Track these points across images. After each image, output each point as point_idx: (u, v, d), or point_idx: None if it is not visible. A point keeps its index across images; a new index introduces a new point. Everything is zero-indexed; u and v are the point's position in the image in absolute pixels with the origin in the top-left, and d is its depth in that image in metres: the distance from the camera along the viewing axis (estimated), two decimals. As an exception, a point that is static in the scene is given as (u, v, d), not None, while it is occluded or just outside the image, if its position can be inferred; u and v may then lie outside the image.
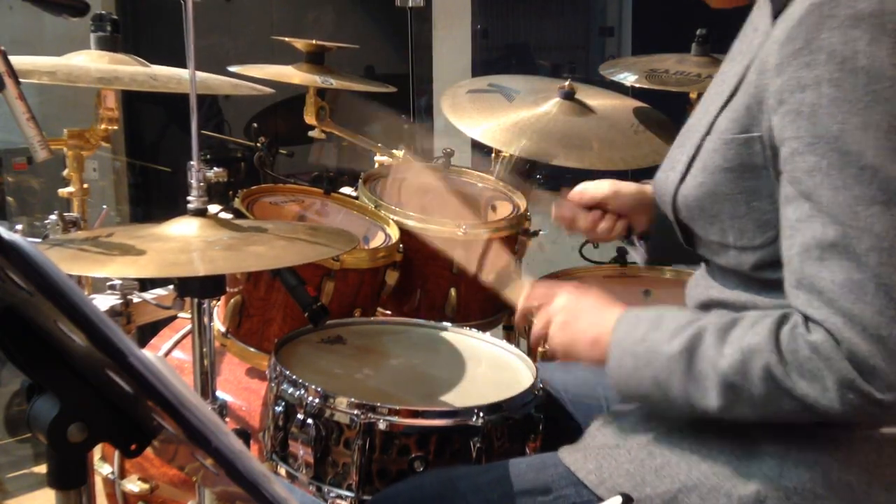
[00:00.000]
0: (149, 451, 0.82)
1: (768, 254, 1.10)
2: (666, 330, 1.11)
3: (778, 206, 1.08)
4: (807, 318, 1.00)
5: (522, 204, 2.20)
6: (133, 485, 1.93)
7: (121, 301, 1.72)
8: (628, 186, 1.46)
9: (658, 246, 1.48)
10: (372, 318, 1.83)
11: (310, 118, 2.42)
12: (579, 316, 1.23)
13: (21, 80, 1.35)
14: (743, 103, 1.10)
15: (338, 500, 1.37)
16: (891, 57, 0.97)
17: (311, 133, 2.48)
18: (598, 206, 1.48)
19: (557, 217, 1.52)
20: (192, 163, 1.40)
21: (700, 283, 1.25)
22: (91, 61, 1.86)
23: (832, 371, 0.97)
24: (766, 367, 1.00)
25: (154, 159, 4.30)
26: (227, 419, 1.80)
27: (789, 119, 1.02)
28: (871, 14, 0.98)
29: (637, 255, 1.52)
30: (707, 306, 1.22)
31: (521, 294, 1.37)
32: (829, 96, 0.99)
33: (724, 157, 1.12)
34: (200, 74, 1.57)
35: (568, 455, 1.24)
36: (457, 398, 1.48)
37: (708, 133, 1.16)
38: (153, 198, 4.39)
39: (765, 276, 1.12)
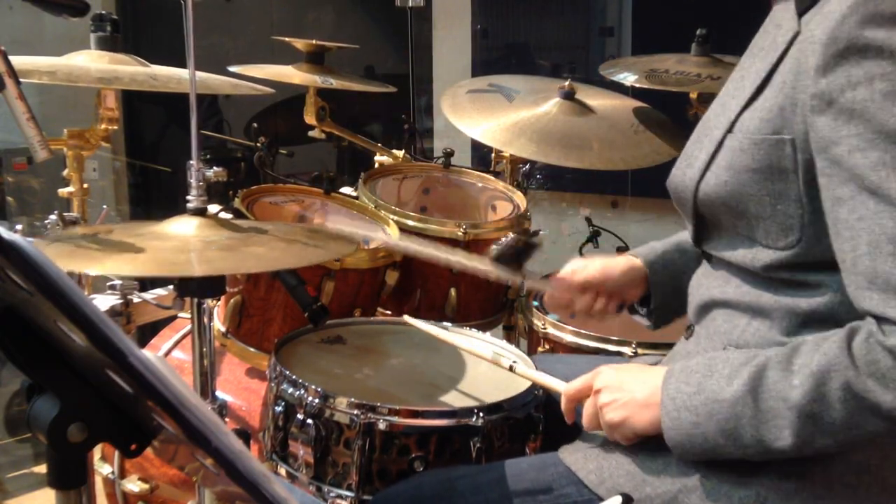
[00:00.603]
0: (149, 451, 0.82)
1: (786, 256, 1.09)
2: (721, 375, 1.06)
3: (803, 212, 1.07)
4: (881, 321, 0.96)
5: (522, 204, 2.20)
6: (133, 485, 1.93)
7: (121, 301, 1.72)
8: (617, 265, 1.45)
9: (663, 313, 1.46)
10: (372, 318, 1.83)
11: (310, 118, 2.42)
12: (624, 386, 1.17)
13: (21, 80, 1.35)
14: (775, 104, 1.09)
15: (338, 500, 1.37)
16: None
17: (311, 133, 2.48)
18: (587, 288, 1.46)
19: (553, 303, 1.50)
20: (192, 162, 1.40)
21: (702, 284, 1.25)
22: (91, 61, 1.86)
23: None
24: (846, 386, 0.96)
25: (154, 159, 4.30)
26: (227, 419, 1.80)
27: (843, 118, 1.00)
28: None
29: (643, 321, 1.50)
30: (708, 307, 1.22)
31: (549, 383, 1.34)
32: (882, 91, 0.98)
33: (752, 158, 1.10)
34: (200, 74, 1.57)
35: (568, 455, 1.24)
36: (457, 398, 1.47)
37: (730, 130, 1.14)
38: (153, 197, 4.40)
39: (775, 276, 1.11)
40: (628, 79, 2.39)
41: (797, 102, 1.06)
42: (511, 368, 1.39)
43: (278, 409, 1.42)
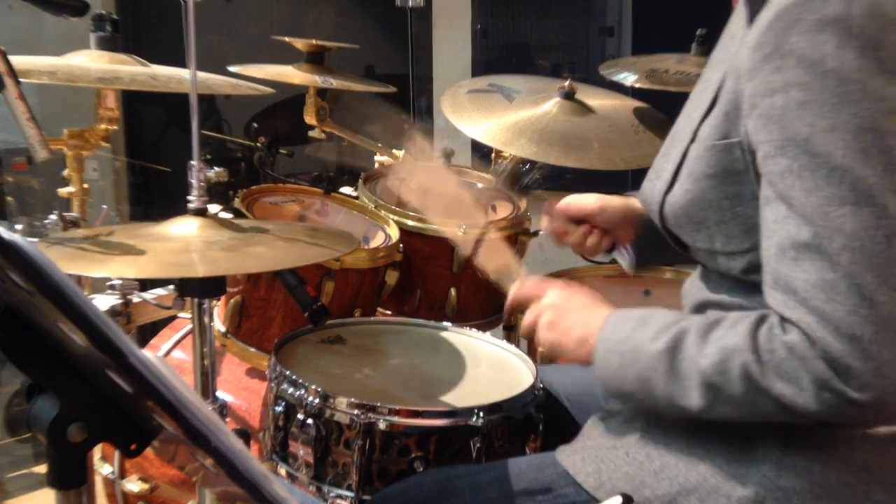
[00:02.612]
0: (149, 451, 0.82)
1: (756, 257, 1.10)
2: (651, 329, 1.12)
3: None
4: (783, 319, 1.01)
5: (522, 204, 2.20)
6: (133, 485, 1.93)
7: (121, 301, 1.72)
8: (615, 201, 1.47)
9: (645, 251, 1.48)
10: (372, 318, 1.83)
11: (310, 118, 2.42)
12: (568, 314, 1.24)
13: (21, 80, 1.35)
14: (722, 110, 1.11)
15: (338, 500, 1.37)
16: (857, 60, 0.98)
17: (311, 133, 2.48)
18: (584, 220, 1.48)
19: (549, 229, 1.53)
20: (192, 162, 1.40)
21: (695, 285, 1.26)
22: (91, 61, 1.86)
23: (807, 371, 0.97)
24: (744, 367, 1.01)
25: (154, 159, 4.30)
26: (227, 419, 1.80)
27: (761, 123, 1.03)
28: (837, 18, 0.99)
29: (624, 261, 1.52)
30: (702, 307, 1.22)
31: (511, 279, 1.38)
32: (797, 100, 1.00)
33: (707, 164, 1.13)
34: (200, 74, 1.57)
35: (566, 457, 1.24)
36: (457, 398, 1.48)
37: (692, 141, 1.17)
38: (153, 198, 4.39)
39: (754, 279, 1.12)
40: (628, 79, 2.39)
41: (738, 106, 1.08)
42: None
43: (278, 409, 1.42)
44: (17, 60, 1.40)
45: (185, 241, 1.36)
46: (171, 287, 1.82)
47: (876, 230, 0.96)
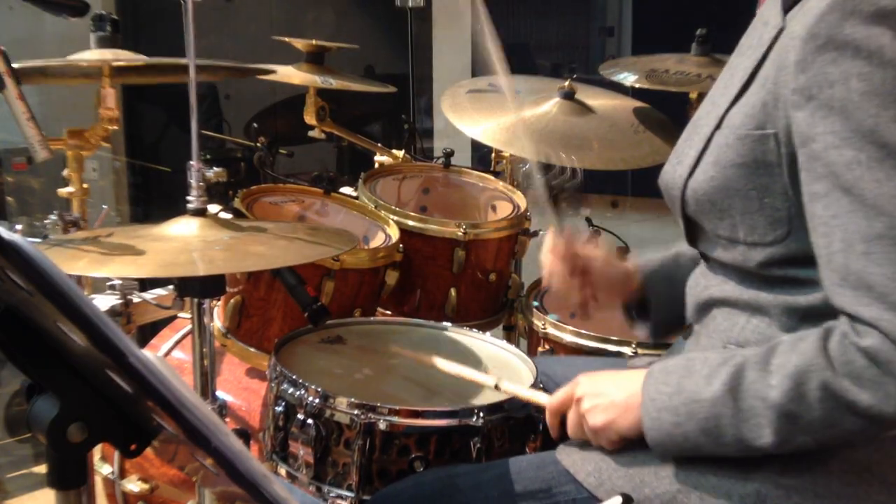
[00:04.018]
0: (149, 451, 0.82)
1: (778, 251, 1.09)
2: (700, 375, 1.07)
3: (790, 204, 1.08)
4: (854, 321, 0.97)
5: (523, 204, 2.20)
6: (133, 485, 1.93)
7: (121, 301, 1.72)
8: (617, 266, 1.44)
9: (662, 322, 1.45)
10: (372, 318, 1.83)
11: (310, 118, 2.42)
12: (604, 391, 1.18)
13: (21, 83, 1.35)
14: (759, 99, 1.10)
15: (338, 501, 1.37)
16: None
17: (311, 133, 2.48)
18: (582, 268, 1.44)
19: (544, 266, 1.48)
20: (192, 163, 1.40)
21: (699, 283, 1.25)
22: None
23: (894, 375, 0.94)
24: (823, 386, 0.97)
25: (154, 159, 4.30)
26: (227, 419, 1.80)
27: (821, 115, 1.01)
28: (894, 10, 0.99)
29: (639, 331, 1.49)
30: (707, 305, 1.22)
31: (533, 398, 1.33)
32: (859, 90, 0.99)
33: (737, 153, 1.11)
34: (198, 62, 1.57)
35: (566, 456, 1.24)
36: (457, 398, 1.47)
37: (718, 127, 1.15)
38: (153, 198, 4.40)
39: (771, 273, 1.11)
40: (628, 79, 2.39)
41: (779, 98, 1.07)
42: (496, 387, 1.38)
43: (278, 409, 1.42)
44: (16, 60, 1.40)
45: (184, 241, 1.36)
46: (171, 287, 1.82)
47: None
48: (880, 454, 1.08)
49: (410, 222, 2.01)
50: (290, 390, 1.41)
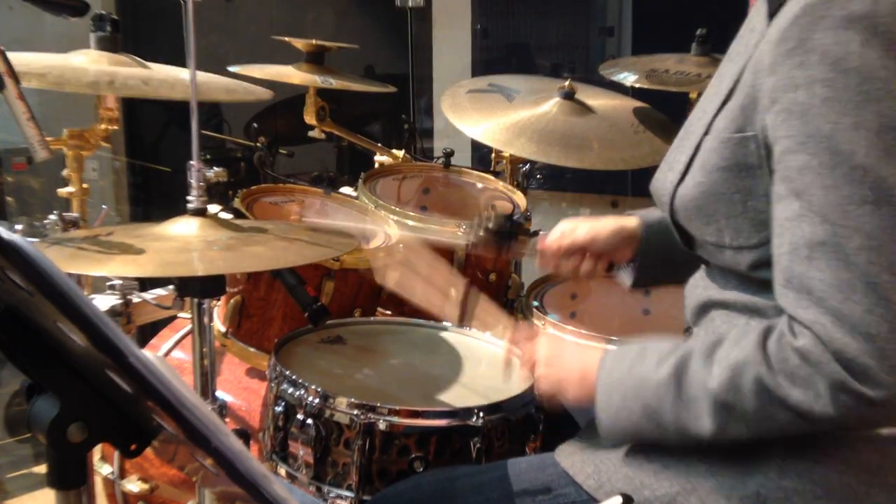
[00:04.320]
0: (149, 451, 0.82)
1: (764, 253, 1.10)
2: (651, 359, 1.11)
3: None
4: (793, 321, 1.00)
5: (522, 204, 2.20)
6: (133, 485, 1.93)
7: (121, 301, 1.72)
8: (605, 227, 1.45)
9: (645, 269, 1.46)
10: (372, 318, 1.83)
11: (310, 118, 2.42)
12: (562, 354, 1.25)
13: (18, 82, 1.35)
14: (738, 103, 1.11)
15: (338, 500, 1.37)
16: (882, 59, 0.98)
17: (311, 133, 2.48)
18: (577, 250, 1.46)
19: (543, 266, 1.51)
20: (192, 163, 1.40)
21: (699, 285, 1.25)
22: (91, 62, 1.86)
23: (823, 375, 0.96)
24: (758, 380, 1.00)
25: (154, 159, 4.30)
26: (227, 419, 1.80)
27: (782, 118, 1.03)
28: (863, 16, 0.99)
29: (623, 278, 1.50)
30: (706, 307, 1.22)
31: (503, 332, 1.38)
32: (821, 96, 0.99)
33: (720, 157, 1.12)
34: (198, 78, 1.57)
35: (565, 458, 1.24)
36: (457, 398, 1.47)
37: (706, 133, 1.16)
38: (153, 198, 4.39)
39: (762, 276, 1.12)
40: (628, 79, 2.39)
41: (756, 100, 1.08)
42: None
43: (278, 409, 1.42)
44: (15, 60, 1.40)
45: (184, 240, 1.36)
46: (171, 287, 1.82)
47: (894, 230, 0.95)
48: (881, 456, 1.08)
49: (410, 222, 2.01)
50: (290, 390, 1.41)
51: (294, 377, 1.41)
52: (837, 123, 0.98)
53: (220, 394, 1.66)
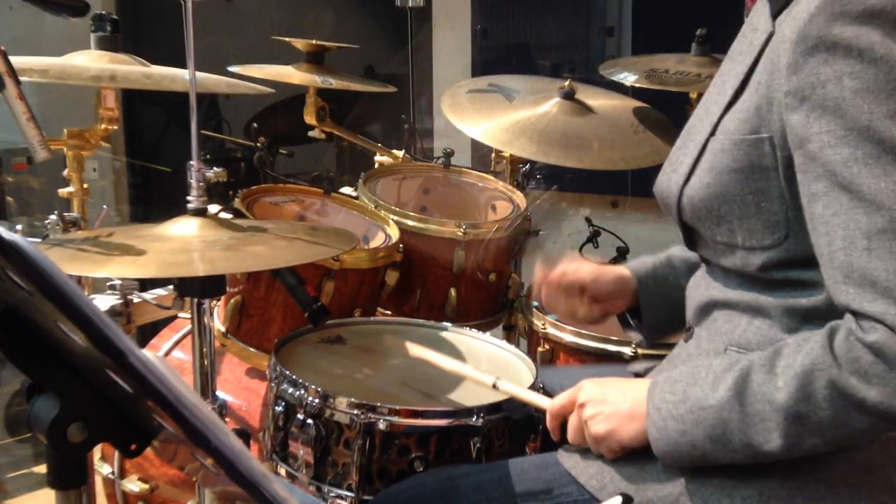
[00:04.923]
0: (149, 451, 0.82)
1: (776, 254, 1.10)
2: (705, 382, 1.07)
3: (787, 207, 1.08)
4: (859, 317, 0.97)
5: (522, 203, 2.20)
6: (133, 485, 1.93)
7: (121, 301, 1.72)
8: (608, 271, 1.44)
9: (654, 321, 1.45)
10: (372, 318, 1.83)
11: (310, 118, 2.42)
12: (607, 399, 1.17)
13: (20, 78, 1.35)
14: (752, 104, 1.10)
15: (338, 500, 1.37)
16: None
17: (311, 133, 2.48)
18: (577, 289, 1.45)
19: (540, 297, 1.51)
20: (192, 163, 1.40)
21: (701, 285, 1.25)
22: (91, 61, 1.86)
23: None
24: (831, 385, 0.97)
25: (154, 159, 4.30)
26: (227, 419, 1.80)
27: (815, 115, 1.01)
28: (881, 10, 0.99)
29: (635, 336, 1.50)
30: (709, 307, 1.22)
31: (534, 400, 1.33)
32: (851, 88, 0.99)
33: (732, 158, 1.11)
34: (199, 74, 1.57)
35: (567, 459, 1.24)
36: (457, 398, 1.47)
37: (712, 133, 1.15)
38: (153, 198, 4.40)
39: (771, 276, 1.11)
40: (628, 79, 2.39)
41: (773, 101, 1.07)
42: (494, 386, 1.37)
43: (278, 409, 1.42)
44: (16, 60, 1.40)
45: (184, 241, 1.36)
46: (171, 287, 1.82)
47: None
48: (884, 455, 1.08)
49: (410, 222, 2.01)
50: (290, 390, 1.41)
51: (294, 377, 1.41)
52: (873, 113, 0.98)
53: (220, 394, 1.66)
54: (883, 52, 0.98)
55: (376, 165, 2.44)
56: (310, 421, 1.37)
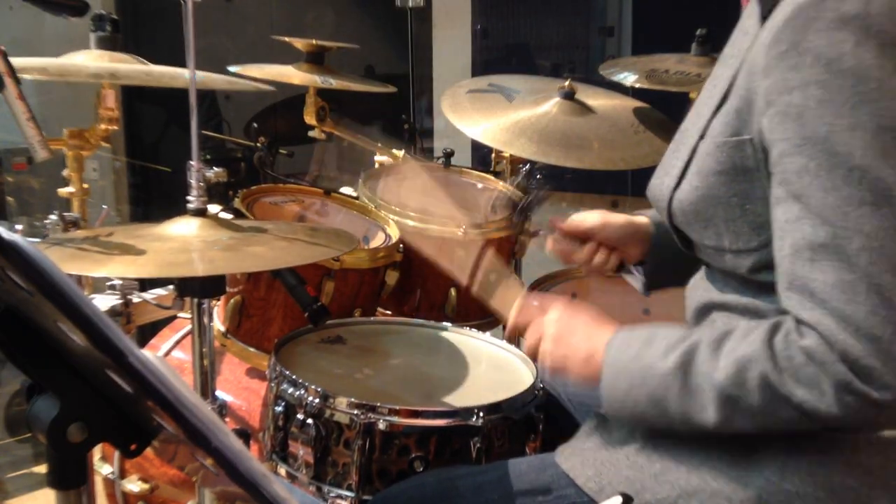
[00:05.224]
0: (149, 451, 0.82)
1: (764, 256, 1.10)
2: (659, 347, 1.10)
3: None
4: (799, 322, 1.00)
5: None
6: (133, 485, 1.93)
7: (121, 301, 1.72)
8: (617, 218, 1.46)
9: (657, 272, 1.47)
10: (372, 318, 1.83)
11: (310, 118, 2.42)
12: (573, 332, 1.22)
13: (20, 76, 1.35)
14: (734, 106, 1.11)
15: (338, 500, 1.37)
16: (876, 59, 0.98)
17: (311, 133, 2.48)
18: (588, 238, 1.47)
19: (555, 251, 1.51)
20: (192, 163, 1.40)
21: (699, 286, 1.25)
22: (91, 61, 1.86)
23: (828, 375, 0.97)
24: (763, 376, 1.00)
25: (154, 159, 4.30)
26: (227, 419, 1.80)
27: (777, 121, 1.02)
28: (856, 16, 0.99)
29: (635, 282, 1.50)
30: (707, 309, 1.22)
31: (512, 305, 1.35)
32: (816, 98, 0.99)
33: (716, 161, 1.12)
34: (199, 72, 1.57)
35: (566, 460, 1.24)
36: (457, 398, 1.48)
37: (702, 137, 1.16)
38: (153, 198, 4.40)
39: (762, 279, 1.12)
40: (628, 79, 2.39)
41: (752, 103, 1.07)
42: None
43: (278, 409, 1.42)
44: (16, 60, 1.40)
45: (184, 240, 1.36)
46: (171, 287, 1.82)
47: (895, 230, 0.95)
48: (882, 458, 1.08)
49: (410, 222, 2.01)
50: (290, 390, 1.41)
51: (294, 377, 1.41)
52: (833, 125, 0.98)
53: (220, 394, 1.66)
54: (852, 63, 0.98)
55: (376, 165, 2.44)
56: (310, 421, 1.37)
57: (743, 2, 1.24)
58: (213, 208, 1.54)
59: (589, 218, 1.46)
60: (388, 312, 2.04)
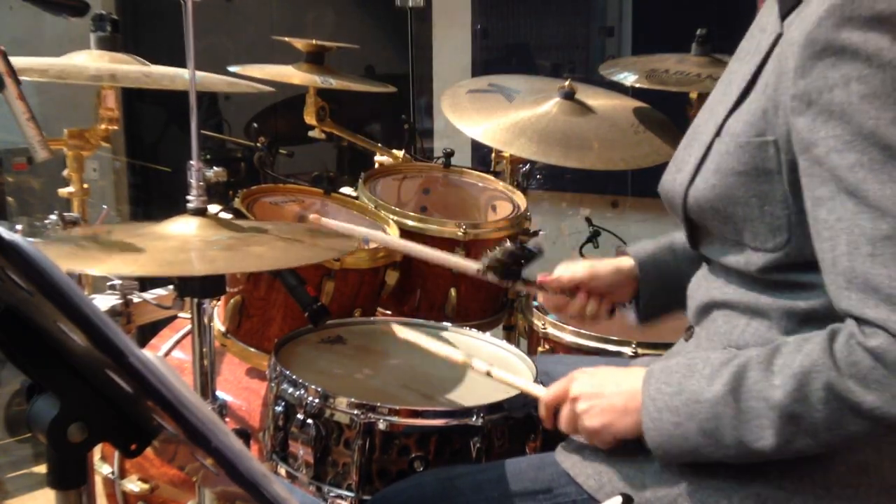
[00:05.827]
0: (149, 451, 0.82)
1: (777, 257, 1.09)
2: (702, 375, 1.07)
3: (790, 212, 1.08)
4: (861, 322, 0.97)
5: (523, 204, 2.20)
6: (133, 485, 1.93)
7: (121, 301, 1.72)
8: (604, 266, 1.45)
9: (647, 308, 1.46)
10: (372, 318, 1.83)
11: (310, 118, 2.42)
12: (601, 391, 1.16)
13: (20, 77, 1.35)
14: (758, 107, 1.10)
15: (338, 500, 1.37)
16: None
17: (311, 133, 2.48)
18: (577, 289, 1.46)
19: (547, 305, 1.51)
20: (192, 162, 1.40)
21: (702, 285, 1.25)
22: (91, 61, 1.86)
23: None
24: (828, 387, 0.97)
25: (154, 159, 4.30)
26: (227, 419, 1.80)
27: (821, 119, 1.01)
28: (891, 15, 0.99)
29: (630, 317, 1.50)
30: (708, 307, 1.22)
31: (528, 388, 1.34)
32: (858, 93, 0.99)
33: (738, 161, 1.11)
34: (199, 73, 1.57)
35: (565, 458, 1.24)
36: (457, 398, 1.48)
37: (717, 134, 1.15)
38: (153, 198, 4.40)
39: (771, 278, 1.11)
40: (628, 79, 2.39)
41: (779, 104, 1.07)
42: (488, 374, 1.37)
43: (278, 409, 1.42)
44: (16, 60, 1.40)
45: (184, 240, 1.36)
46: (171, 287, 1.82)
47: None
48: (880, 456, 1.08)
49: (410, 222, 2.01)
50: (290, 390, 1.41)
51: (294, 377, 1.41)
52: (880, 119, 0.98)
53: (220, 394, 1.66)
54: (891, 57, 0.98)
55: (376, 165, 2.44)
56: (310, 421, 1.37)
57: (759, 1, 1.24)
58: (213, 208, 1.54)
59: (575, 270, 1.45)
60: (388, 312, 2.04)
